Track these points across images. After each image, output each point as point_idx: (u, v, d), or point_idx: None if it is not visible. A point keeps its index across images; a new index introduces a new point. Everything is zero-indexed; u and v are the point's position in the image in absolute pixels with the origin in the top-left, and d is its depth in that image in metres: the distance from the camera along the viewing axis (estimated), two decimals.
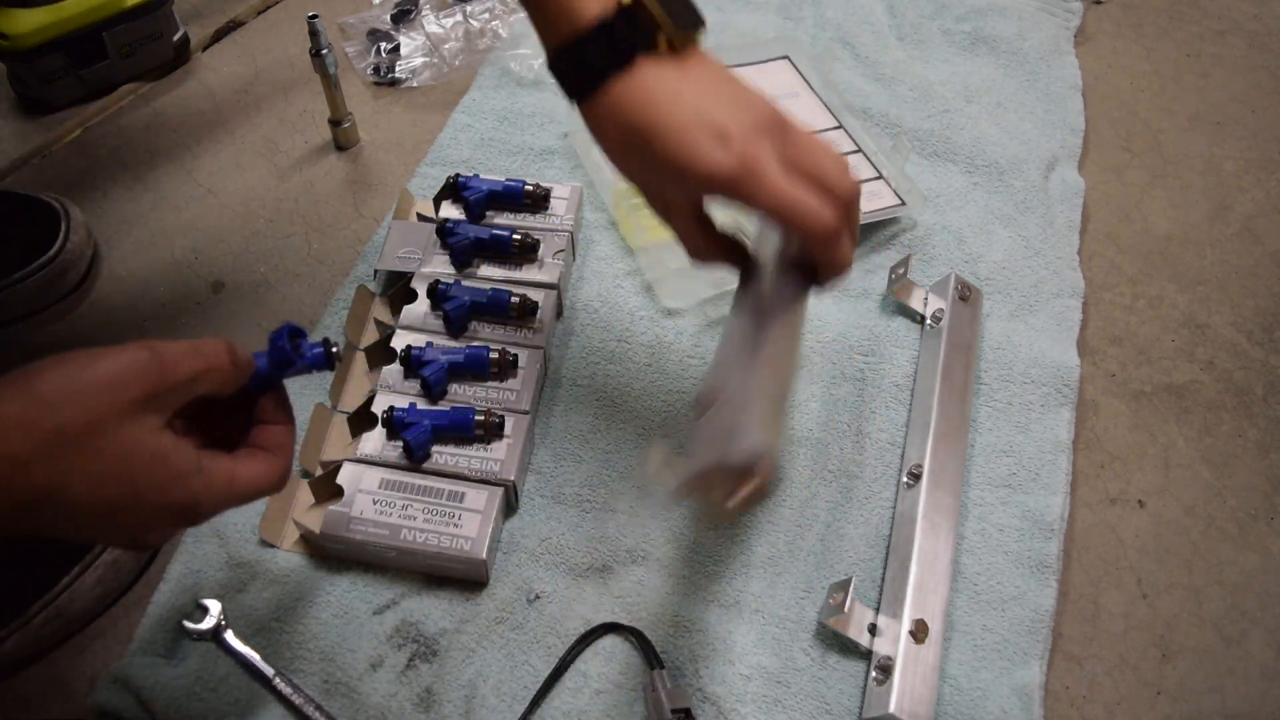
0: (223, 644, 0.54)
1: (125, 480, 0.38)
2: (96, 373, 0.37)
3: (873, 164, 0.78)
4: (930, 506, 0.59)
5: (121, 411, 0.37)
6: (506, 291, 0.65)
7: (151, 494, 0.38)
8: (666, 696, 0.52)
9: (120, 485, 0.38)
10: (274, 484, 0.44)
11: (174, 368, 0.39)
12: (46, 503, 0.36)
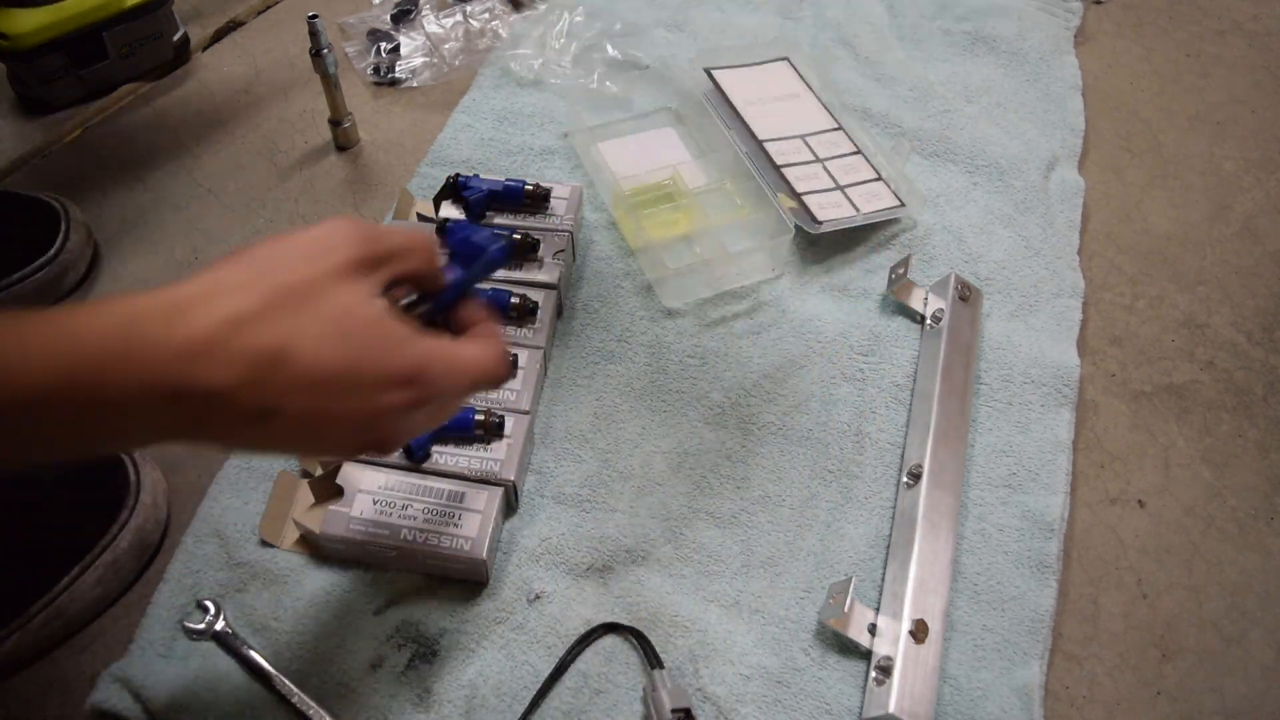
0: (223, 644, 0.54)
1: (346, 342, 0.36)
2: (302, 239, 0.38)
3: (872, 165, 0.78)
4: (930, 506, 0.59)
5: (334, 273, 0.37)
6: (506, 291, 0.65)
7: (373, 359, 0.37)
8: (667, 696, 0.52)
9: (342, 347, 0.36)
10: (497, 366, 0.42)
11: (380, 237, 0.39)
12: (274, 367, 0.34)
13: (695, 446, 0.64)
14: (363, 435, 0.39)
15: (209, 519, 0.59)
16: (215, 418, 0.35)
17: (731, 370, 0.67)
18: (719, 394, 0.66)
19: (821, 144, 0.79)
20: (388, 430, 0.39)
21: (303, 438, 0.38)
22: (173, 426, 0.35)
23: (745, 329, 0.70)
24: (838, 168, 0.77)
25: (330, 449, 0.42)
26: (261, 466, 0.61)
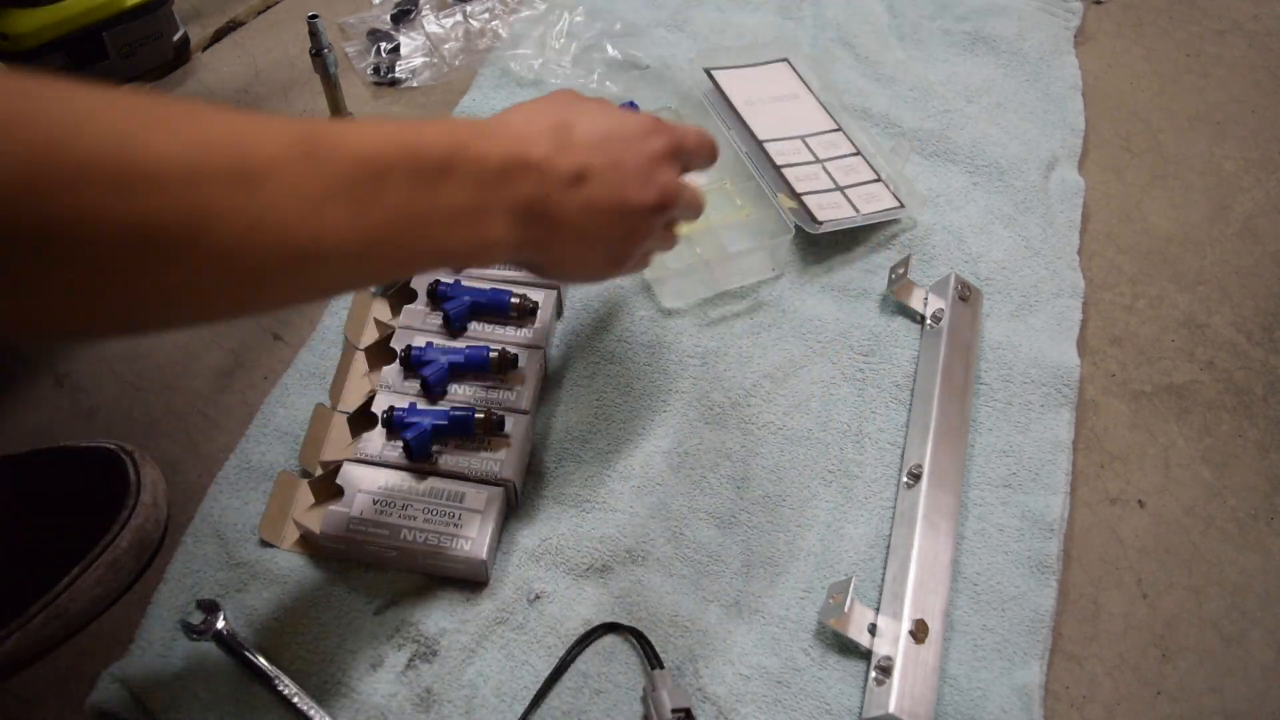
0: (223, 644, 0.54)
1: (607, 114, 0.48)
2: None
3: (871, 166, 0.78)
4: (930, 506, 0.59)
5: None
6: (506, 291, 0.65)
7: (630, 118, 0.48)
8: (667, 696, 0.52)
9: (605, 117, 0.47)
10: (702, 204, 0.55)
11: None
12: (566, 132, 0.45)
13: (695, 446, 0.64)
14: (653, 180, 0.48)
15: (209, 519, 0.59)
16: (548, 184, 0.43)
17: (731, 370, 0.67)
18: (719, 394, 0.66)
19: (821, 145, 0.79)
20: (665, 176, 0.49)
21: (611, 192, 0.46)
22: (520, 202, 0.42)
23: (745, 329, 0.70)
24: (837, 168, 0.77)
25: (636, 199, 0.48)
26: (261, 466, 0.62)
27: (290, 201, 0.34)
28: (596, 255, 0.49)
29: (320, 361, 0.67)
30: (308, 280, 0.37)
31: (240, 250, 0.33)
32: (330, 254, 0.36)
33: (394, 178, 0.37)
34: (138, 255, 0.30)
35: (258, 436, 0.63)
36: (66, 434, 0.65)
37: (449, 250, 0.42)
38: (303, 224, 0.34)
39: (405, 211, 0.38)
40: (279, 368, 0.68)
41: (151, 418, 0.66)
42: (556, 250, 0.47)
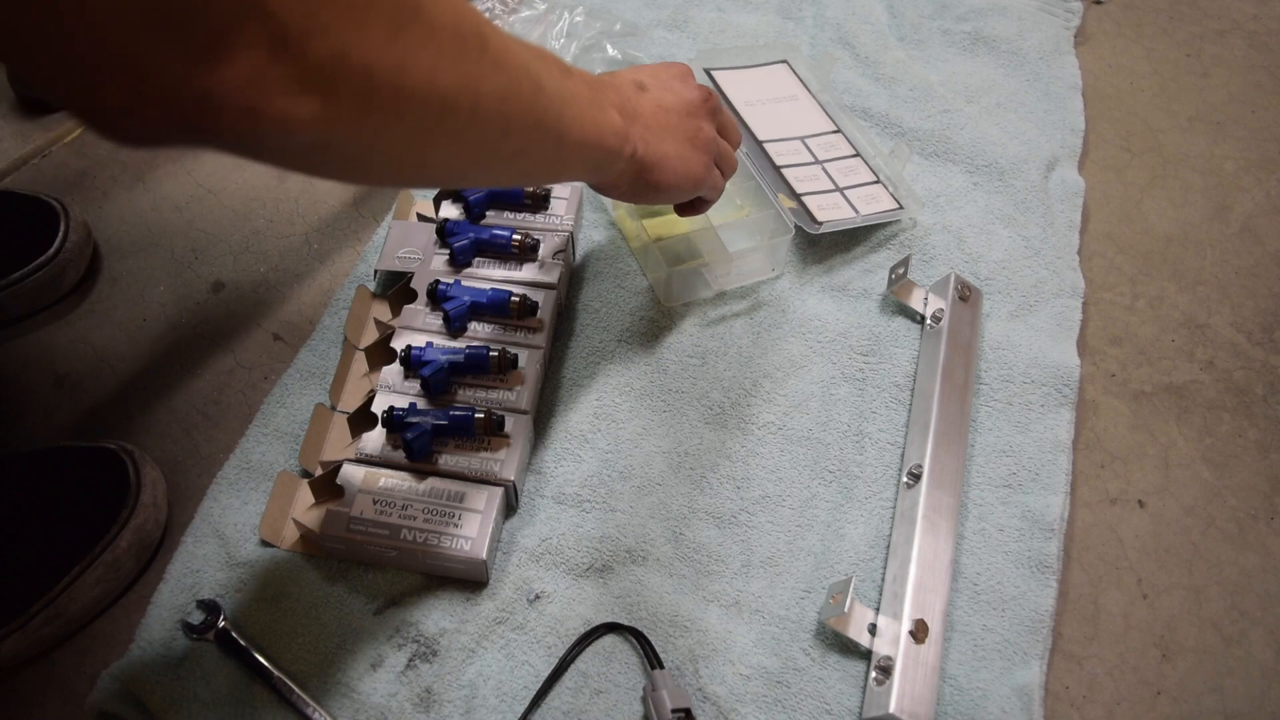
0: (223, 644, 0.54)
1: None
2: None
3: (870, 168, 0.78)
4: (930, 506, 0.59)
5: None
6: (506, 291, 0.65)
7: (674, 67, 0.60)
8: (667, 696, 0.52)
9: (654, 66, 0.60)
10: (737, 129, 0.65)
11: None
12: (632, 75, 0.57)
13: (695, 446, 0.64)
14: (690, 87, 0.59)
15: (209, 519, 0.59)
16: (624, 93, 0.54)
17: (731, 370, 0.67)
18: (719, 394, 0.66)
19: (820, 146, 0.79)
20: (696, 87, 0.59)
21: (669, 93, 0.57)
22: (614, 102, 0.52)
23: (745, 329, 0.70)
24: (836, 170, 0.77)
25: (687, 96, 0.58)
26: (261, 466, 0.62)
27: (517, 47, 0.43)
28: (685, 149, 0.57)
29: (320, 361, 0.67)
30: (537, 118, 0.45)
31: (506, 61, 0.42)
32: (547, 91, 0.45)
33: (549, 60, 0.47)
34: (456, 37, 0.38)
35: (258, 436, 0.63)
36: (66, 434, 0.65)
37: (601, 126, 0.50)
38: (532, 60, 0.44)
39: (566, 86, 0.47)
40: (279, 368, 0.68)
41: (151, 418, 0.66)
42: (655, 147, 0.55)
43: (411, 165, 0.41)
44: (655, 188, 0.57)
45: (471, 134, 0.41)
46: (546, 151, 0.48)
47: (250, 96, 0.30)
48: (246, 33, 0.29)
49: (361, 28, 0.33)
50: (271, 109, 0.31)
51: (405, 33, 0.35)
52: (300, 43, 0.31)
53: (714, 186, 0.61)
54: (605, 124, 0.50)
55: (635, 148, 0.53)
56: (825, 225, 0.72)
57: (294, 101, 0.31)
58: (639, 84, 0.56)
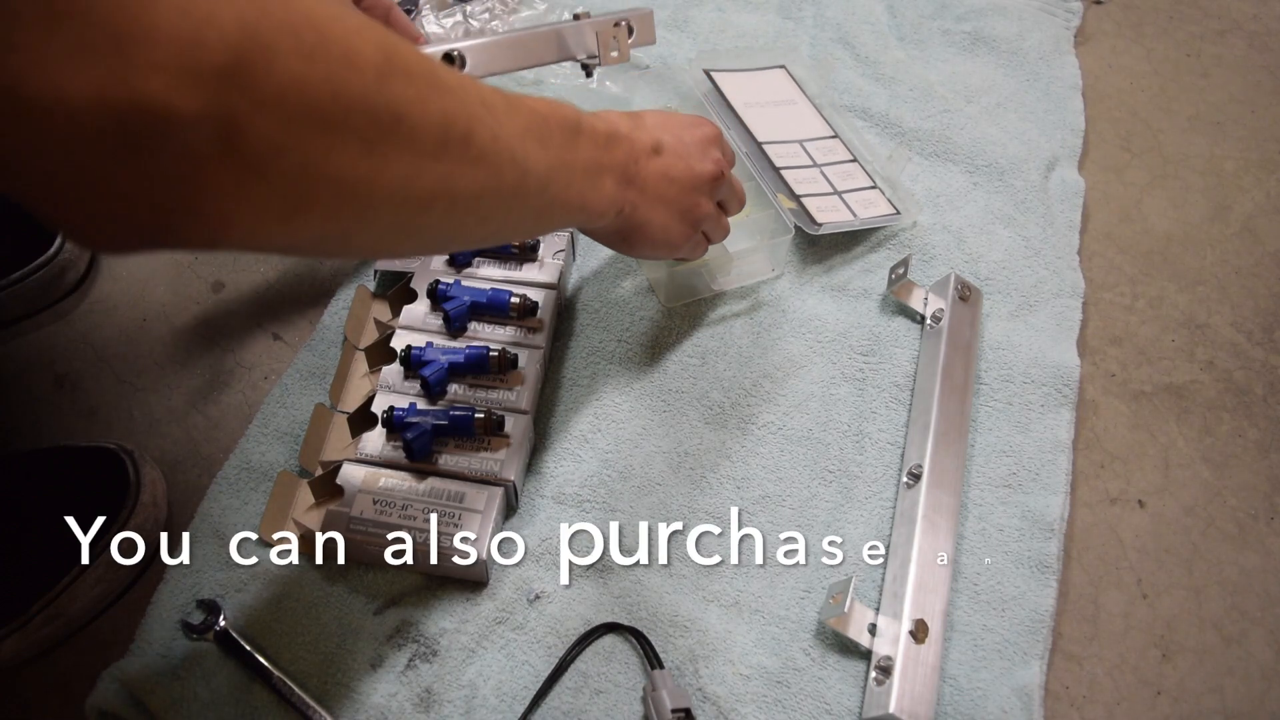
0: (223, 644, 0.54)
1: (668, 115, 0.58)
2: None
3: (867, 173, 0.78)
4: (930, 506, 0.59)
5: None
6: (506, 291, 0.65)
7: (688, 118, 0.59)
8: (667, 696, 0.52)
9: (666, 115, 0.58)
10: (744, 193, 0.65)
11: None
12: (637, 119, 0.55)
13: (695, 446, 0.64)
14: (709, 156, 0.58)
15: (209, 519, 0.59)
16: (636, 152, 0.53)
17: (731, 370, 0.67)
18: (719, 394, 0.66)
19: (818, 150, 0.79)
20: (717, 154, 0.59)
21: (681, 162, 0.56)
22: (619, 164, 0.52)
23: (745, 329, 0.70)
24: (835, 174, 0.78)
25: (699, 169, 0.57)
26: (261, 466, 0.62)
27: (510, 128, 0.42)
28: (672, 221, 0.57)
29: (320, 361, 0.67)
30: (516, 201, 0.44)
31: (490, 155, 0.41)
32: (530, 176, 0.44)
33: (551, 128, 0.46)
34: (440, 144, 0.37)
35: (258, 436, 0.63)
36: (66, 434, 0.65)
37: (585, 198, 0.50)
38: (518, 146, 0.43)
39: (562, 156, 0.47)
40: (279, 368, 0.68)
41: (151, 418, 0.66)
42: (643, 213, 0.55)
43: (385, 251, 0.44)
44: (631, 246, 0.58)
45: (446, 225, 0.42)
46: (526, 224, 0.49)
47: (218, 217, 0.30)
48: (215, 160, 0.29)
49: (333, 143, 0.33)
50: (238, 229, 0.31)
51: (381, 144, 0.35)
52: (269, 162, 0.31)
53: (693, 251, 0.62)
54: (596, 194, 0.50)
55: (622, 210, 0.53)
56: (825, 227, 0.72)
57: (261, 219, 0.32)
58: (656, 146, 0.55)
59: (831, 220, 0.73)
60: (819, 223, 0.72)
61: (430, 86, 0.37)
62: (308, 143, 0.32)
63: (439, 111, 0.37)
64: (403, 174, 0.36)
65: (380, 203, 0.36)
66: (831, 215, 0.73)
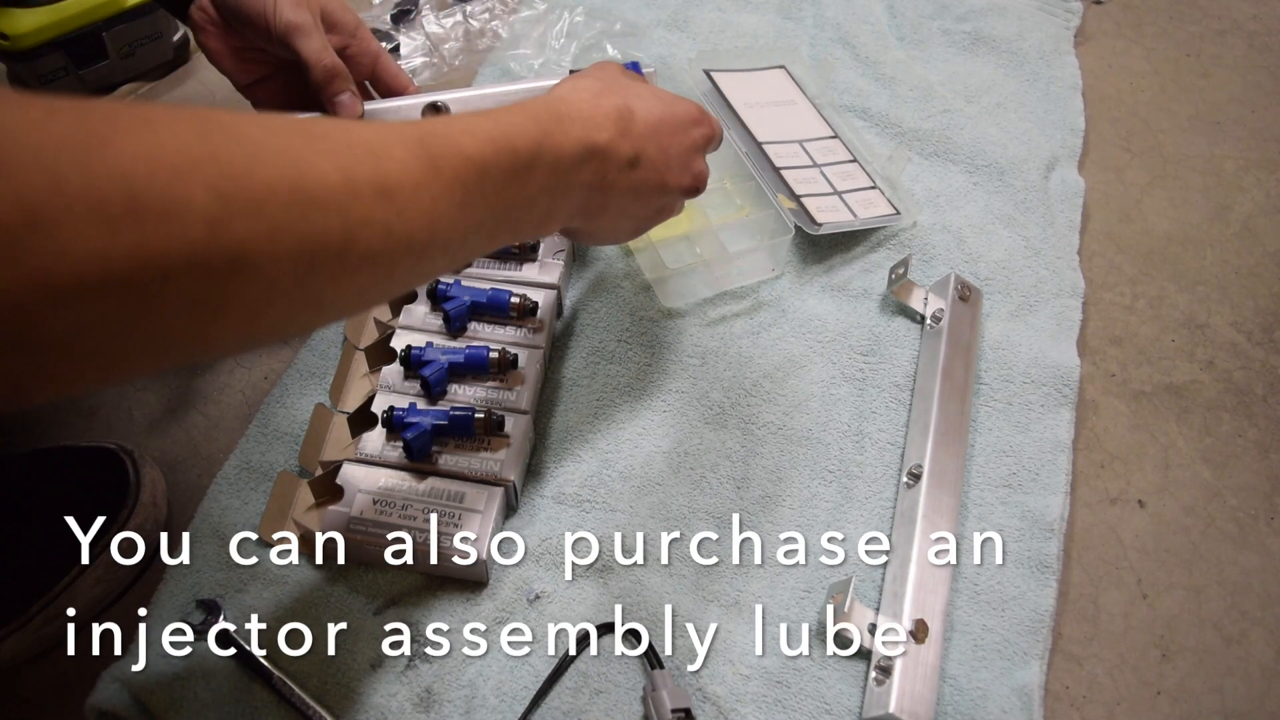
0: (223, 644, 0.54)
1: (660, 101, 0.51)
2: None
3: (867, 173, 0.78)
4: (930, 506, 0.59)
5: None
6: (506, 291, 0.65)
7: (679, 107, 0.52)
8: (667, 696, 0.52)
9: (660, 104, 0.51)
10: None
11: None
12: (628, 120, 0.48)
13: (695, 446, 0.64)
14: (690, 168, 0.53)
15: (209, 519, 0.59)
16: (609, 167, 0.47)
17: (731, 370, 0.67)
18: (719, 394, 0.66)
19: (818, 150, 0.79)
20: (700, 165, 0.54)
21: (656, 176, 0.50)
22: (585, 183, 0.46)
23: (745, 329, 0.70)
24: (834, 174, 0.78)
25: (674, 184, 0.52)
26: (261, 466, 0.61)
27: (416, 208, 0.36)
28: (627, 226, 0.54)
29: (320, 361, 0.67)
30: (417, 274, 0.39)
31: (377, 256, 0.35)
32: (439, 246, 0.39)
33: (492, 175, 0.40)
34: (303, 270, 0.32)
35: (258, 436, 0.63)
36: (66, 434, 0.65)
37: (521, 231, 0.45)
38: (424, 226, 0.37)
39: (496, 203, 0.41)
40: (279, 368, 0.68)
41: (151, 418, 0.66)
42: (598, 220, 0.50)
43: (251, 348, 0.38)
44: (575, 241, 0.56)
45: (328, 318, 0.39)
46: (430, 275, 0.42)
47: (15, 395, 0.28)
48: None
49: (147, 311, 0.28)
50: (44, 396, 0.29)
51: (214, 298, 0.30)
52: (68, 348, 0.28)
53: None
54: (535, 223, 0.46)
55: (574, 219, 0.49)
56: (824, 227, 0.72)
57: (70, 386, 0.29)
58: (634, 160, 0.49)
59: (831, 220, 0.73)
60: (819, 223, 0.72)
61: (291, 209, 0.31)
62: (113, 321, 0.28)
63: (298, 239, 0.32)
64: (248, 314, 0.31)
65: (221, 345, 0.32)
66: (831, 215, 0.73)
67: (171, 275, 0.28)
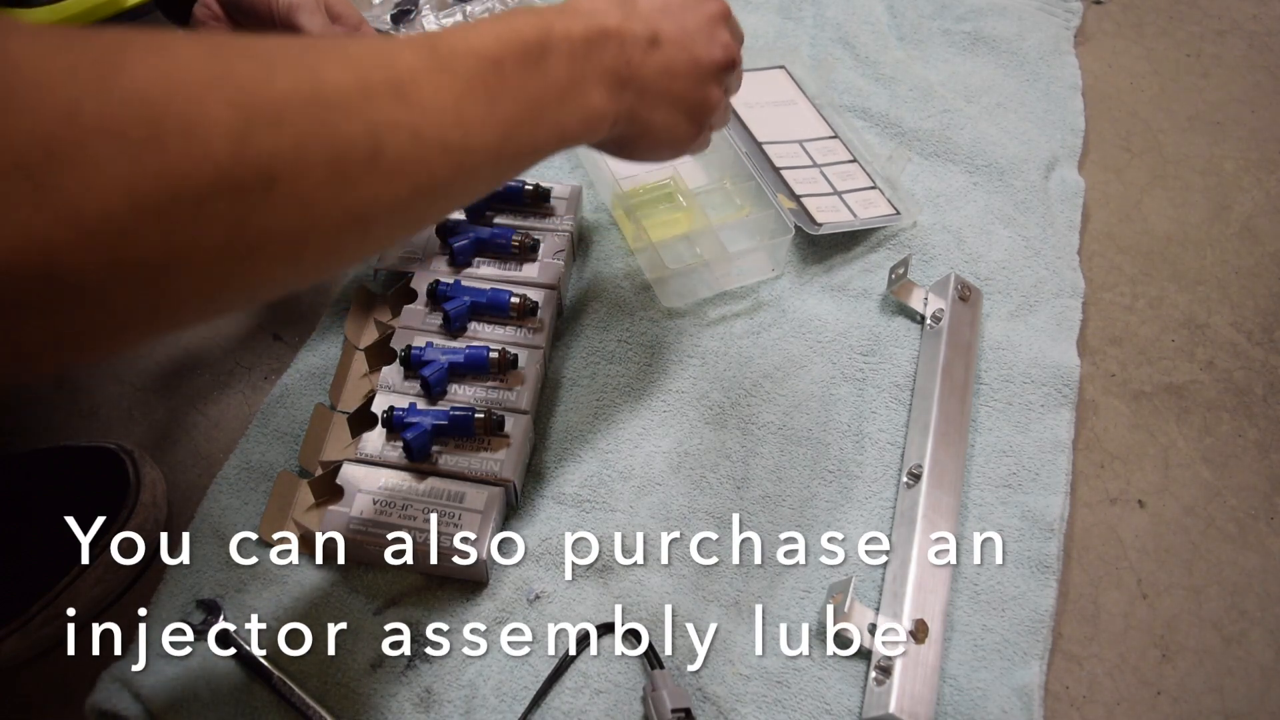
0: (223, 644, 0.54)
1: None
2: None
3: (867, 173, 0.78)
4: (930, 506, 0.59)
5: None
6: (506, 291, 0.65)
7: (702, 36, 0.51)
8: (667, 696, 0.52)
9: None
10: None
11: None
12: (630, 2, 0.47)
13: (695, 446, 0.64)
14: (716, 40, 0.51)
15: (209, 519, 0.59)
16: (629, 49, 0.46)
17: (731, 370, 0.67)
18: (719, 394, 0.66)
19: (818, 150, 0.79)
20: (724, 35, 0.52)
21: (683, 53, 0.49)
22: (610, 68, 0.45)
23: (745, 329, 0.70)
24: (834, 174, 0.78)
25: (705, 58, 0.51)
26: (261, 466, 0.62)
27: (438, 107, 0.36)
28: (679, 119, 0.51)
29: (320, 361, 0.67)
30: (465, 180, 0.39)
31: (411, 161, 0.35)
32: (478, 149, 0.38)
33: (507, 66, 0.40)
34: (336, 182, 0.32)
35: (258, 436, 0.63)
36: (66, 434, 0.65)
37: (564, 127, 0.44)
38: (453, 125, 0.37)
39: (523, 95, 0.41)
40: (279, 368, 0.68)
41: (151, 418, 0.66)
42: (644, 116, 0.49)
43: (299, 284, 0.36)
44: (631, 155, 0.53)
45: (372, 245, 0.37)
46: (484, 189, 0.43)
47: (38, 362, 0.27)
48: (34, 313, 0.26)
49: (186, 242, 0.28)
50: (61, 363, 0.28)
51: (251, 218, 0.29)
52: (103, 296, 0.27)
53: (699, 149, 0.56)
54: (579, 115, 0.45)
55: (618, 120, 0.47)
56: (824, 227, 0.72)
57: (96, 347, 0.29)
58: (653, 37, 0.48)
59: (831, 220, 0.73)
60: (819, 223, 0.72)
61: (312, 117, 0.31)
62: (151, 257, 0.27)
63: (324, 147, 0.31)
64: (290, 238, 0.31)
65: (269, 278, 0.32)
66: (831, 215, 0.73)
67: (204, 199, 0.27)
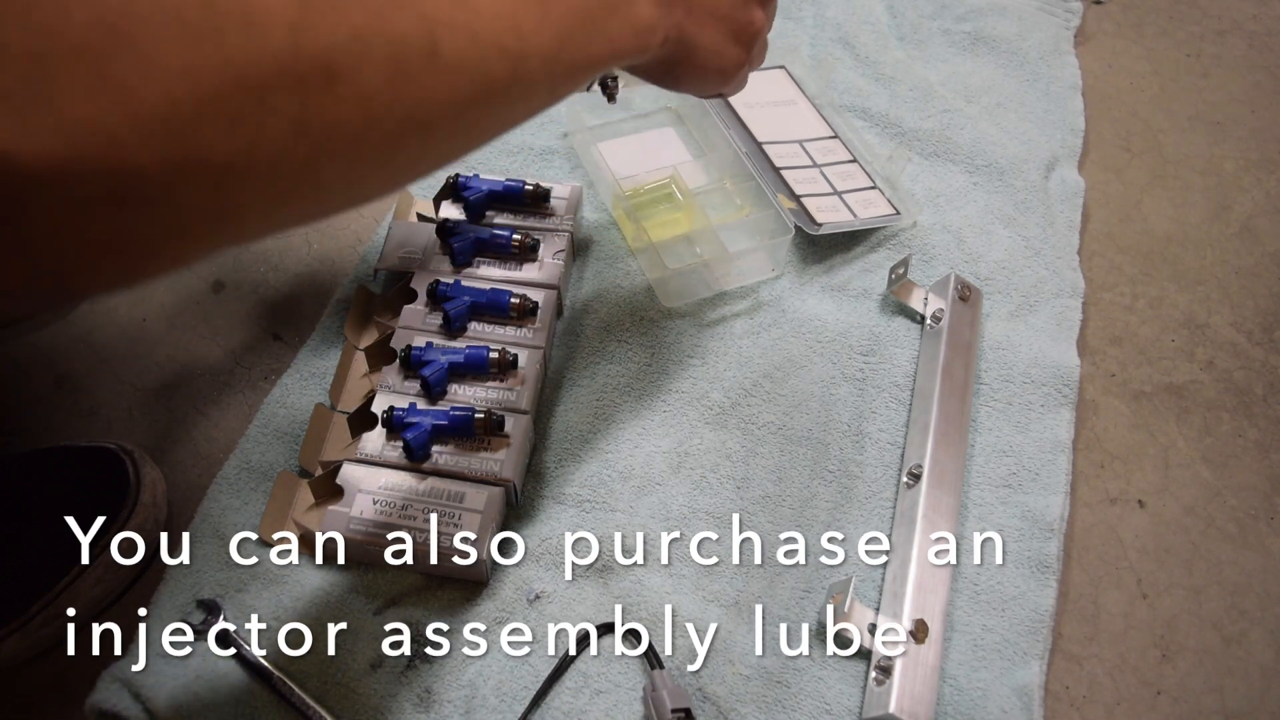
0: (223, 643, 0.54)
1: None
2: None
3: (867, 173, 0.78)
4: (930, 506, 0.59)
5: None
6: (506, 291, 0.65)
7: None
8: (667, 696, 0.52)
9: None
10: None
11: None
12: None
13: (695, 446, 0.64)
14: None
15: (209, 519, 0.59)
16: None
17: (731, 370, 0.67)
18: (719, 394, 0.66)
19: (818, 150, 0.79)
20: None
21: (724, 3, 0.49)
22: None
23: (745, 329, 0.70)
24: (834, 174, 0.78)
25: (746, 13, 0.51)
26: (261, 466, 0.62)
27: (493, 11, 0.36)
28: (725, 42, 0.50)
29: (320, 361, 0.67)
30: (522, 89, 0.39)
31: (469, 60, 0.35)
32: (533, 55, 0.38)
33: None
34: (397, 80, 0.32)
35: (258, 436, 0.63)
36: (66, 434, 0.65)
37: (615, 39, 0.43)
38: (509, 30, 0.36)
39: (575, 3, 0.40)
40: (279, 368, 0.68)
41: (151, 418, 0.66)
42: (692, 33, 0.48)
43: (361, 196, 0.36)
44: (678, 80, 0.52)
45: (432, 154, 0.37)
46: (540, 104, 0.42)
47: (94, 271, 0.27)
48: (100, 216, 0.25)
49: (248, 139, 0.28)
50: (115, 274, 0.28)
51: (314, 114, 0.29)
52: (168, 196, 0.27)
53: (739, 84, 0.56)
54: (629, 29, 0.44)
55: (667, 36, 0.47)
56: (825, 227, 0.72)
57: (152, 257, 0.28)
58: None
59: (831, 220, 0.73)
60: (819, 223, 0.72)
61: (368, 9, 0.31)
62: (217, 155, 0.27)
63: (385, 42, 0.31)
64: (352, 139, 0.31)
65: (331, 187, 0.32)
66: (831, 215, 0.73)
67: (265, 92, 0.27)
